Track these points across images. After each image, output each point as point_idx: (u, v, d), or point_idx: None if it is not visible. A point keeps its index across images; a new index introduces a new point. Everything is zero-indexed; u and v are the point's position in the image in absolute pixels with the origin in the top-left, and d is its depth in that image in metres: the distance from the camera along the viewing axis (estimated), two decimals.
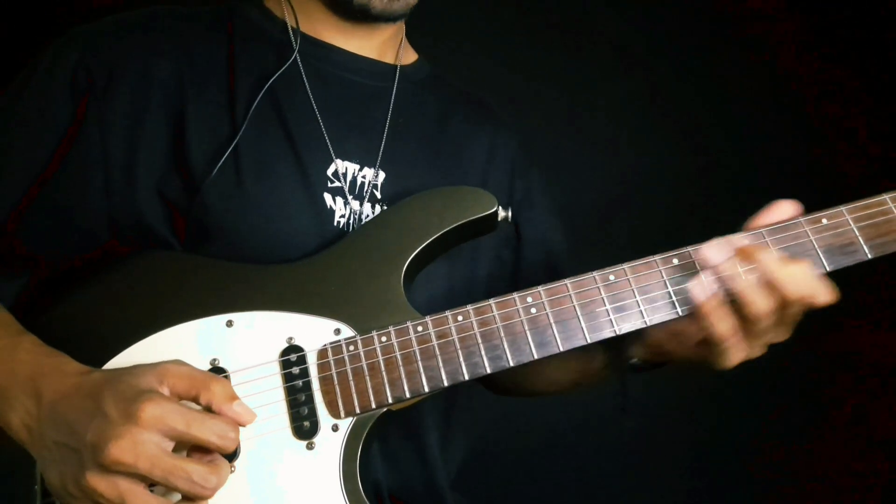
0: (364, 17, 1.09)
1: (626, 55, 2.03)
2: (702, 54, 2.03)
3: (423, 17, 1.20)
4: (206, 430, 0.77)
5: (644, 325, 0.91)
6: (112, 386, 0.78)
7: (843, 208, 0.93)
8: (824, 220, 0.92)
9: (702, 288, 0.87)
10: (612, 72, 2.03)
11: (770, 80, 2.02)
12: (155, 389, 0.78)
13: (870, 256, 0.91)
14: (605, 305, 0.91)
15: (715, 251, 0.88)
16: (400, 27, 1.19)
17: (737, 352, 0.89)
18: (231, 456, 0.85)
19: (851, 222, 0.92)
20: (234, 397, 0.81)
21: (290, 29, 1.11)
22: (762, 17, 2.01)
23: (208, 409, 0.80)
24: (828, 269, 0.90)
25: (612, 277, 0.92)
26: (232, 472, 0.85)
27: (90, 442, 0.74)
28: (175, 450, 0.78)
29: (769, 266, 0.85)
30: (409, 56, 1.22)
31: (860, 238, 0.91)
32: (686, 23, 2.03)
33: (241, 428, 0.81)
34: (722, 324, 0.86)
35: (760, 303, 0.85)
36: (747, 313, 0.85)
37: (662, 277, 0.92)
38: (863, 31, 1.98)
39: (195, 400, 0.80)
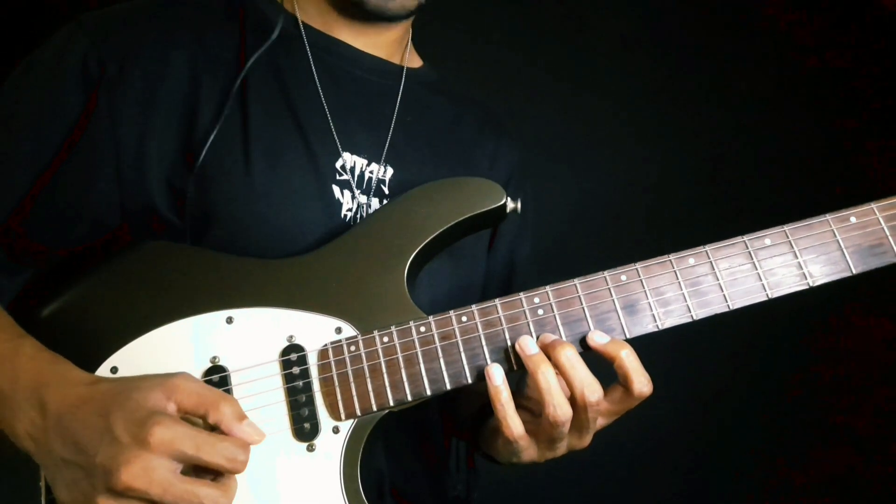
0: (359, 14, 1.08)
1: (634, 53, 1.99)
2: (713, 51, 1.98)
3: (429, 17, 1.18)
4: (216, 454, 0.76)
5: (656, 329, 0.87)
6: (120, 403, 0.77)
7: (873, 205, 0.88)
8: (853, 219, 0.87)
9: (497, 373, 0.86)
10: (621, 70, 2.00)
11: (781, 76, 1.96)
12: (163, 409, 0.76)
13: None
14: (615, 307, 0.88)
15: (530, 342, 0.86)
16: (407, 30, 1.18)
17: (529, 453, 0.90)
18: None
19: (882, 221, 0.87)
20: (242, 417, 0.80)
21: (294, 19, 1.09)
22: (772, 13, 1.94)
23: (217, 428, 0.79)
24: (854, 271, 0.86)
25: (623, 278, 0.89)
26: None
27: (100, 465, 0.74)
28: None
29: (566, 366, 0.84)
30: (416, 61, 1.21)
31: (891, 238, 0.86)
32: (694, 21, 1.98)
33: None
34: (516, 427, 0.86)
35: (563, 408, 0.84)
36: (548, 416, 0.85)
37: (677, 279, 0.88)
38: (878, 24, 1.90)
39: (203, 418, 0.79)
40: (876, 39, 1.91)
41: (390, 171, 1.08)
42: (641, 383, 0.85)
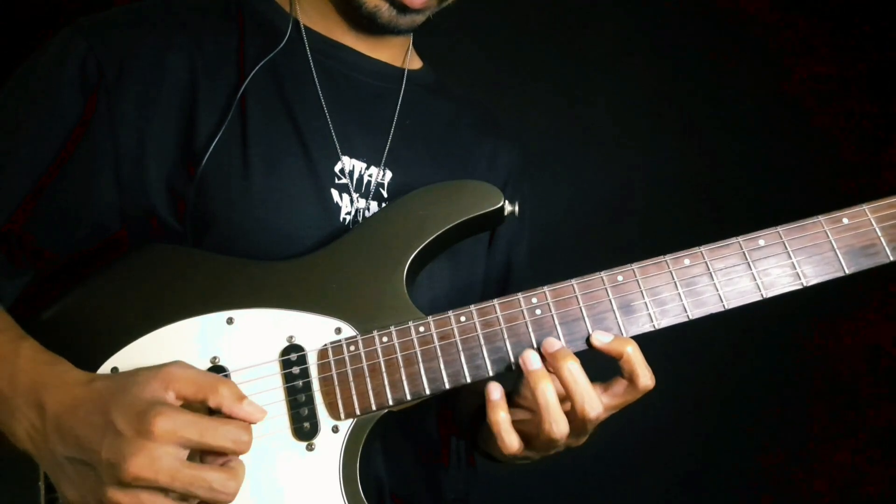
0: (370, 27, 1.08)
1: (630, 55, 2.00)
2: (708, 53, 1.99)
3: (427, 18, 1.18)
4: (220, 437, 0.77)
5: (652, 329, 0.88)
6: (118, 398, 0.77)
7: (864, 207, 0.89)
8: (845, 220, 0.89)
9: (494, 390, 0.87)
10: (617, 72, 2.00)
11: (777, 77, 1.97)
12: (162, 399, 0.77)
13: (892, 258, 0.87)
14: (612, 307, 0.89)
15: (534, 357, 0.87)
16: (409, 34, 1.18)
17: (526, 453, 0.91)
18: None
19: (874, 222, 0.88)
20: (242, 397, 0.81)
21: (296, 22, 1.09)
22: (766, 16, 1.96)
23: (217, 411, 0.80)
24: (847, 271, 0.87)
25: (620, 278, 0.90)
26: None
27: (106, 460, 0.74)
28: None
29: (569, 380, 0.84)
30: (416, 62, 1.22)
31: (882, 239, 0.88)
32: (690, 23, 1.99)
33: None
34: (511, 443, 0.87)
35: (560, 425, 0.85)
36: (544, 432, 0.86)
37: (673, 279, 0.89)
38: (870, 28, 1.92)
39: (203, 403, 0.79)
40: (870, 43, 1.93)
41: (389, 174, 1.08)
42: (646, 377, 0.86)
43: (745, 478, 1.91)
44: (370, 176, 1.07)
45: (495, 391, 0.87)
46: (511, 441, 0.87)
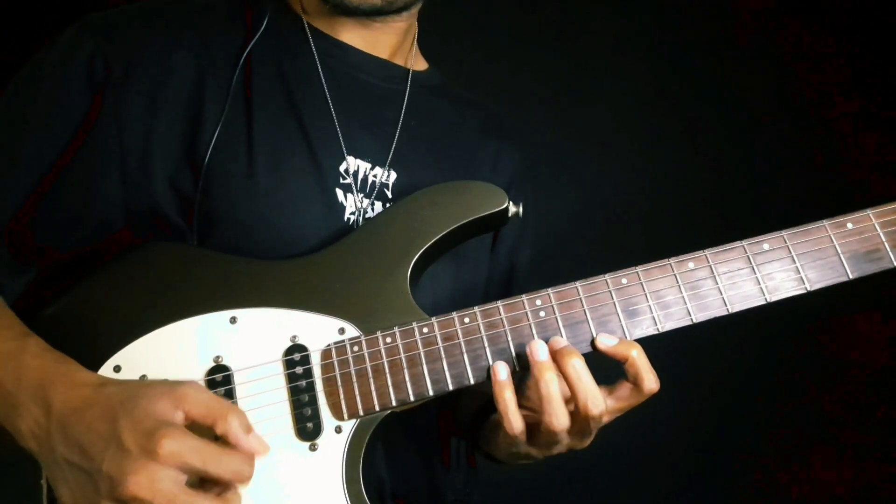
0: (343, 10, 1.05)
1: (634, 57, 2.01)
2: (712, 56, 2.00)
3: (429, 19, 1.19)
4: (222, 467, 0.76)
5: (656, 332, 0.88)
6: (128, 410, 0.76)
7: (869, 212, 0.89)
8: (849, 225, 0.89)
9: (502, 370, 0.87)
10: (620, 74, 2.01)
11: (782, 80, 1.98)
12: (171, 419, 0.76)
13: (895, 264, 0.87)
14: (616, 310, 0.89)
15: (542, 347, 0.87)
16: (409, 32, 1.17)
17: (528, 450, 0.92)
18: None
19: (878, 227, 0.89)
20: (249, 429, 0.80)
21: (301, 21, 1.09)
22: (772, 16, 1.96)
23: (223, 437, 0.79)
24: (851, 276, 0.87)
25: (624, 281, 0.90)
26: None
27: (106, 473, 0.74)
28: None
29: (573, 377, 0.85)
30: (421, 63, 1.22)
31: (886, 244, 0.88)
32: (695, 23, 2.00)
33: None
34: (516, 423, 0.87)
35: (560, 418, 0.85)
36: (544, 424, 0.86)
37: (677, 282, 0.89)
38: (876, 29, 1.93)
39: (209, 428, 0.78)
40: (875, 44, 1.93)
41: (394, 175, 1.08)
42: (651, 381, 0.86)
43: (746, 480, 1.91)
44: (375, 176, 1.07)
45: (502, 371, 0.87)
46: (516, 422, 0.87)
